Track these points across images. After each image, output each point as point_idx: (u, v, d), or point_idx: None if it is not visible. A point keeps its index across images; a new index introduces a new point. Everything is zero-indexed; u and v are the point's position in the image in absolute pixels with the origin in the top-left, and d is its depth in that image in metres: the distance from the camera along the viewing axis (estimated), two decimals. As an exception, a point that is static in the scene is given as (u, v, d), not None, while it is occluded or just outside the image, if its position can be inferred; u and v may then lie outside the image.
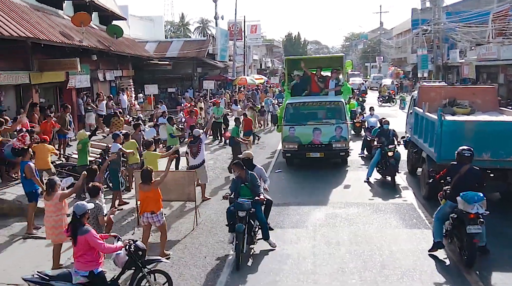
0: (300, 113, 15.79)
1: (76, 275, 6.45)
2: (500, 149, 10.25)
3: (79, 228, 6.48)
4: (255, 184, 8.87)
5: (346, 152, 15.35)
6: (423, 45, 43.39)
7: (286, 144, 15.38)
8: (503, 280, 7.75)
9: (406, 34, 55.78)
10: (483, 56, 31.13)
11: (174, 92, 35.11)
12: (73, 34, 17.33)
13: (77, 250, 6.49)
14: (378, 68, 72.91)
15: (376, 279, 7.76)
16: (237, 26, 43.36)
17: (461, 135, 10.32)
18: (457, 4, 45.19)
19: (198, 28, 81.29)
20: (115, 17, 25.96)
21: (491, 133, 10.41)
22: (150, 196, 8.61)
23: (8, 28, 12.34)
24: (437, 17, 37.62)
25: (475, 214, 7.88)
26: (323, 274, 8.00)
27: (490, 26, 29.19)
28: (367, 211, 11.23)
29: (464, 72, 35.97)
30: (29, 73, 15.73)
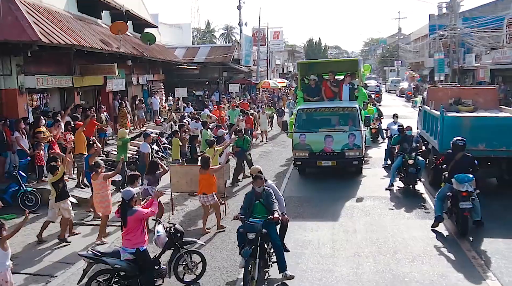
0: (312, 119, 14.66)
1: (124, 252, 7.12)
2: (494, 140, 11.47)
3: (128, 210, 7.16)
4: (270, 201, 7.70)
5: (360, 160, 14.00)
6: (439, 49, 43.21)
7: (297, 152, 14.20)
8: (491, 245, 8.84)
9: (423, 39, 55.47)
10: (497, 60, 31.08)
11: (201, 95, 35.88)
12: (111, 41, 18.12)
13: (126, 229, 7.16)
14: (396, 72, 72.65)
15: (389, 262, 8.27)
16: (260, 33, 43.97)
17: (460, 129, 11.47)
18: (474, 9, 44.88)
19: (223, 35, 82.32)
20: (147, 25, 26.76)
21: (486, 127, 11.70)
22: (205, 178, 10.06)
23: (56, 37, 13.13)
24: (454, 22, 37.44)
25: (466, 191, 9.17)
26: (341, 258, 8.55)
27: (505, 31, 29.13)
28: (382, 204, 11.73)
29: (479, 76, 35.83)
30: (72, 77, 16.56)
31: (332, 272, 7.96)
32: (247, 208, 7.81)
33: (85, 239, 9.87)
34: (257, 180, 7.92)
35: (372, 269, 8.05)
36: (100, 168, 9.80)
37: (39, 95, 15.32)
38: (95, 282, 7.02)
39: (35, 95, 15.05)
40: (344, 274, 7.85)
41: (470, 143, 10.48)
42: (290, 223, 8.55)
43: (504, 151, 11.44)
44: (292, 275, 7.54)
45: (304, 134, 14.10)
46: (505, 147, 11.44)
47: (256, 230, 7.35)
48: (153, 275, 7.25)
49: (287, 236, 8.52)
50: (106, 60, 18.12)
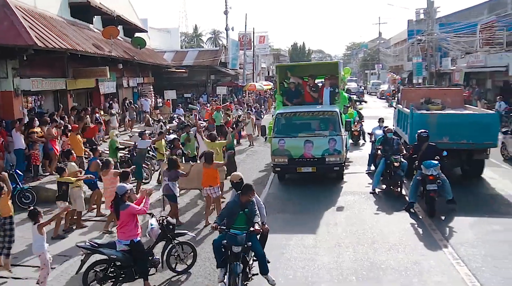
0: (291, 124, 13.81)
1: (119, 244, 7.38)
2: (455, 134, 12.49)
3: (120, 205, 7.42)
4: (254, 212, 7.03)
5: (341, 166, 13.27)
6: (418, 53, 43.83)
7: (276, 158, 13.32)
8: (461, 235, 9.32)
9: (402, 43, 56.22)
10: (471, 64, 31.79)
11: (189, 97, 36.12)
12: (103, 45, 18.31)
13: (120, 222, 7.42)
14: (377, 75, 73.39)
15: (367, 251, 8.62)
16: (246, 37, 44.33)
17: (426, 124, 12.39)
18: (450, 15, 45.66)
19: (210, 39, 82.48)
20: (137, 30, 26.96)
21: (449, 123, 12.84)
22: (209, 173, 10.34)
23: (51, 41, 13.32)
24: (431, 28, 38.07)
25: (432, 175, 10.33)
26: (322, 248, 8.88)
27: (478, 36, 29.83)
28: (362, 199, 12.12)
29: (455, 79, 36.55)
30: (66, 80, 16.76)
31: (314, 261, 8.28)
32: (228, 218, 7.09)
33: (84, 235, 10.07)
34: (252, 192, 7.13)
35: (352, 258, 8.38)
36: (110, 165, 10.33)
37: (33, 98, 15.52)
38: (92, 272, 7.23)
39: (30, 98, 15.25)
40: (326, 263, 8.17)
41: (436, 136, 11.88)
42: (275, 217, 8.79)
43: (464, 143, 12.58)
44: (274, 280, 7.07)
45: (283, 139, 13.24)
46: (465, 140, 12.55)
47: (241, 243, 6.70)
48: (147, 265, 7.49)
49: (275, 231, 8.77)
50: (98, 64, 18.32)
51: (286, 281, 7.56)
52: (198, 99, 34.52)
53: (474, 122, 12.96)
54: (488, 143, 12.82)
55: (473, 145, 12.72)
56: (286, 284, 7.46)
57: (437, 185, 10.36)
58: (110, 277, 7.33)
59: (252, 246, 6.96)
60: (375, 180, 12.61)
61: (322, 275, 7.73)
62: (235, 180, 7.77)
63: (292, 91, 15.61)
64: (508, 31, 27.70)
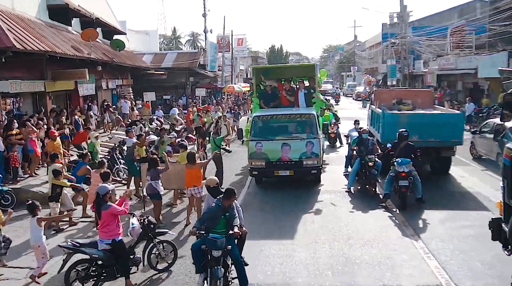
0: (268, 127, 13.55)
1: (101, 243, 7.42)
2: (424, 133, 13.02)
3: (102, 205, 7.46)
4: (234, 215, 7.00)
5: (319, 169, 13.04)
6: (391, 56, 44.69)
7: (253, 161, 13.03)
8: (431, 230, 9.69)
9: (377, 46, 57.11)
10: (443, 66, 32.61)
11: (169, 99, 36.02)
12: (82, 48, 18.20)
13: (101, 222, 7.47)
14: (353, 77, 74.34)
15: (343, 247, 8.87)
16: (225, 40, 44.43)
17: (397, 123, 13.11)
18: (422, 19, 46.59)
19: (189, 41, 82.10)
20: (116, 32, 26.81)
21: (418, 122, 13.40)
22: (193, 173, 10.35)
23: (30, 43, 13.23)
24: (404, 31, 38.83)
25: (404, 172, 10.94)
26: (300, 245, 9.08)
27: (449, 40, 30.60)
28: (338, 197, 12.38)
29: (427, 81, 37.40)
30: (44, 82, 16.59)
31: (292, 257, 8.47)
32: (209, 223, 6.95)
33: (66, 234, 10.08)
34: (232, 197, 7.04)
35: (328, 253, 8.60)
36: (104, 166, 10.69)
37: (12, 100, 15.30)
38: (74, 271, 7.26)
39: (8, 100, 15.04)
40: (303, 258, 8.36)
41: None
42: (254, 216, 8.91)
43: (432, 141, 13.25)
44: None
45: (261, 142, 12.96)
46: (433, 138, 13.21)
47: (221, 247, 6.62)
48: (129, 264, 7.56)
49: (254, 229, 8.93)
50: (77, 66, 18.20)
51: (265, 277, 7.72)
52: (178, 101, 34.46)
53: (441, 121, 13.67)
54: (454, 141, 13.56)
55: (440, 143, 13.45)
56: (264, 279, 7.62)
57: (408, 181, 10.94)
58: (92, 276, 7.37)
59: (231, 251, 6.83)
60: (350, 179, 12.79)
61: (299, 271, 7.91)
62: (212, 184, 7.73)
63: (269, 94, 15.39)
64: (476, 35, 28.48)
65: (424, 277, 7.54)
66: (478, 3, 38.96)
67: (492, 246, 7.00)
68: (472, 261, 7.99)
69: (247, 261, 7.41)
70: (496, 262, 7.69)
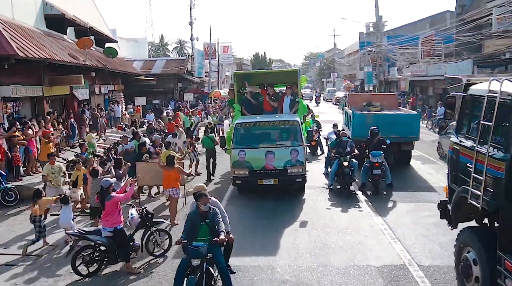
0: (251, 134, 12.72)
1: (104, 230, 8.00)
2: (387, 130, 14.17)
3: (105, 196, 8.05)
4: (217, 221, 6.52)
5: (304, 177, 12.29)
6: (368, 63, 45.81)
7: (236, 170, 12.20)
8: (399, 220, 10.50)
9: (355, 54, 58.22)
10: (415, 73, 33.73)
11: (158, 103, 36.42)
12: (78, 55, 18.65)
13: (105, 212, 8.04)
14: (332, 83, 75.43)
15: (320, 234, 9.58)
16: (211, 47, 45.02)
17: (365, 122, 15.07)
18: (397, 29, 47.84)
19: (176, 48, 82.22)
20: (108, 40, 27.24)
21: (382, 121, 14.96)
22: (172, 175, 10.51)
23: (31, 51, 13.68)
24: (379, 40, 39.96)
25: (377, 162, 12.45)
26: (282, 233, 9.72)
27: (420, 48, 31.71)
28: (317, 192, 13.08)
29: (401, 86, 38.55)
30: (42, 87, 16.99)
31: (275, 243, 9.11)
32: (191, 231, 6.52)
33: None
34: (203, 197, 6.58)
35: (307, 240, 9.30)
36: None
37: (12, 104, 15.69)
38: (79, 256, 7.83)
39: (9, 104, 15.42)
40: (284, 244, 9.04)
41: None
42: (238, 210, 9.40)
43: (394, 137, 14.62)
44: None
45: (244, 150, 12.17)
46: (394, 135, 14.70)
47: (200, 254, 6.23)
48: (129, 249, 8.13)
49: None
50: (72, 72, 18.63)
51: (251, 260, 8.35)
52: (167, 106, 34.90)
53: (401, 121, 15.65)
54: (412, 136, 15.49)
55: (401, 139, 15.24)
56: (250, 262, 8.26)
57: (381, 170, 12.44)
58: (96, 260, 7.93)
59: (215, 259, 6.42)
60: (330, 178, 13.00)
61: (281, 255, 8.58)
62: (197, 191, 7.02)
63: (250, 100, 14.59)
64: (445, 44, 29.63)
65: (390, 258, 8.28)
66: (448, 14, 40.33)
67: (450, 232, 7.74)
68: (432, 244, 8.77)
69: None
70: (451, 244, 8.40)
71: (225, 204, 11.66)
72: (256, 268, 8.00)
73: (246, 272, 7.82)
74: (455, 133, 7.04)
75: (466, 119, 6.79)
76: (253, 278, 7.63)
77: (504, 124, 5.54)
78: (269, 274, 7.78)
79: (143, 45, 48.71)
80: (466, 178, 6.26)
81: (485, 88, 5.97)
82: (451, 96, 7.18)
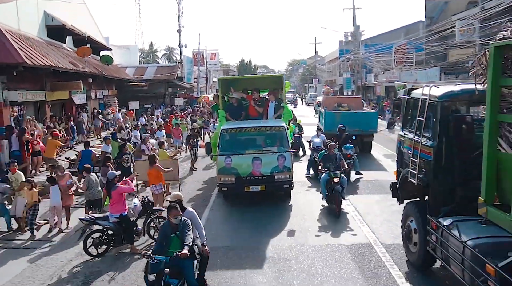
0: (237, 140, 12.25)
1: (111, 217, 8.84)
2: (352, 125, 17.07)
3: (112, 187, 8.92)
4: (184, 233, 6.15)
5: (291, 183, 11.79)
6: (347, 70, 47.06)
7: (222, 177, 11.65)
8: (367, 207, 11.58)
9: (335, 61, 59.51)
10: (390, 79, 35.07)
11: (149, 107, 37.09)
12: (77, 62, 19.40)
13: (112, 201, 8.92)
14: (314, 88, 76.61)
15: (299, 221, 10.58)
16: (200, 55, 45.87)
17: (334, 119, 18.18)
18: (374, 37, 49.20)
19: (165, 55, 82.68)
20: (103, 48, 27.94)
21: (348, 118, 18.19)
22: (152, 173, 10.88)
23: (38, 60, 14.44)
24: (357, 48, 41.30)
25: (349, 154, 13.91)
26: (266, 221, 10.65)
27: (393, 56, 33.04)
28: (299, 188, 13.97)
29: (377, 91, 39.89)
30: (45, 93, 17.73)
31: (257, 227, 10.06)
32: (162, 243, 6.21)
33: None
34: (172, 210, 6.27)
35: (287, 226, 10.30)
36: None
37: (18, 107, 16.40)
38: (90, 239, 8.70)
39: (15, 107, 16.13)
40: (267, 229, 9.98)
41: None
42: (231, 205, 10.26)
43: (357, 131, 17.64)
44: None
45: (230, 157, 11.66)
46: (358, 129, 17.77)
47: (157, 270, 5.85)
48: (133, 233, 9.00)
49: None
50: (71, 78, 19.36)
51: (231, 240, 9.26)
52: (158, 110, 35.60)
53: (363, 117, 18.92)
54: (371, 130, 18.80)
55: (362, 132, 18.33)
56: (231, 242, 9.17)
57: (351, 160, 13.75)
58: (104, 243, 8.79)
59: (184, 273, 6.06)
60: (323, 189, 11.42)
61: (263, 237, 9.51)
62: (172, 200, 6.84)
63: (235, 105, 14.07)
64: (416, 52, 30.99)
65: (358, 238, 9.32)
66: (421, 24, 41.73)
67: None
68: (395, 227, 9.76)
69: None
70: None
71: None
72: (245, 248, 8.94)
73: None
74: (401, 128, 8.47)
75: (409, 116, 8.22)
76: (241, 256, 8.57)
77: (432, 119, 6.93)
78: (255, 253, 8.73)
79: (134, 52, 49.25)
80: (407, 162, 7.75)
81: (420, 92, 7.43)
82: (397, 98, 8.90)
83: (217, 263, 8.09)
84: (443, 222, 6.30)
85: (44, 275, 8.06)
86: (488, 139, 5.45)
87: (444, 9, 32.63)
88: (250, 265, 8.14)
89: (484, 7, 20.83)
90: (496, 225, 5.46)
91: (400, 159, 8.48)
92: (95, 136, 22.87)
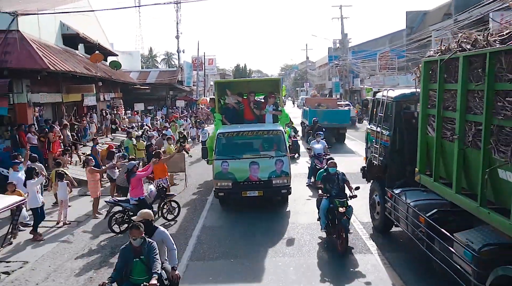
0: (234, 144, 11.58)
1: (131, 200, 9.95)
2: (329, 119, 21.95)
3: (131, 175, 10.03)
4: (152, 258, 5.22)
5: (288, 188, 11.19)
6: (336, 74, 48.29)
7: (219, 182, 11.03)
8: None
9: (325, 66, 60.55)
10: (374, 84, 36.38)
11: (152, 109, 38.18)
12: (90, 67, 20.48)
13: (131, 186, 10.02)
14: (305, 91, 77.69)
15: (293, 218, 11.11)
16: (198, 60, 47.02)
17: (316, 115, 21.55)
18: (361, 44, 50.48)
19: (164, 60, 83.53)
20: (110, 54, 28.89)
21: (326, 114, 22.63)
22: (158, 168, 11.43)
23: (59, 65, 15.51)
24: (345, 55, 42.58)
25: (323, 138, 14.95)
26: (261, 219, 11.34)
27: (377, 62, 34.36)
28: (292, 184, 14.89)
29: (363, 95, 41.16)
30: (62, 95, 18.81)
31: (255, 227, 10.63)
32: (122, 269, 5.26)
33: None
34: (133, 230, 5.27)
35: (281, 227, 11.27)
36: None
37: (38, 108, 17.49)
38: (113, 218, 9.87)
39: (36, 108, 17.21)
40: (263, 228, 10.30)
41: (321, 120, 20.06)
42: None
43: (334, 124, 22.12)
44: None
45: (227, 161, 11.04)
46: (334, 122, 22.29)
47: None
48: (149, 214, 10.16)
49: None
50: (83, 82, 20.43)
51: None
52: (160, 111, 36.69)
53: (338, 114, 23.26)
54: (345, 124, 23.45)
55: (338, 125, 22.61)
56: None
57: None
58: (126, 222, 9.93)
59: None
60: (322, 221, 9.07)
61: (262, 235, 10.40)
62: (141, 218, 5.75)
63: (231, 109, 13.46)
64: (399, 59, 32.34)
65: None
66: (405, 32, 43.23)
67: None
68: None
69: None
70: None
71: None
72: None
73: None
74: (369, 122, 10.30)
75: (374, 113, 9.90)
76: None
77: (389, 115, 8.68)
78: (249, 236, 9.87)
79: (136, 58, 50.16)
80: (372, 149, 9.60)
81: (382, 94, 9.30)
82: (365, 99, 11.54)
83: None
84: (395, 191, 8.20)
85: (76, 247, 9.23)
86: (421, 127, 7.16)
87: (423, 20, 34.03)
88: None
89: (457, 19, 22.18)
90: (433, 192, 7.10)
91: (368, 147, 10.25)
92: (104, 135, 23.94)
